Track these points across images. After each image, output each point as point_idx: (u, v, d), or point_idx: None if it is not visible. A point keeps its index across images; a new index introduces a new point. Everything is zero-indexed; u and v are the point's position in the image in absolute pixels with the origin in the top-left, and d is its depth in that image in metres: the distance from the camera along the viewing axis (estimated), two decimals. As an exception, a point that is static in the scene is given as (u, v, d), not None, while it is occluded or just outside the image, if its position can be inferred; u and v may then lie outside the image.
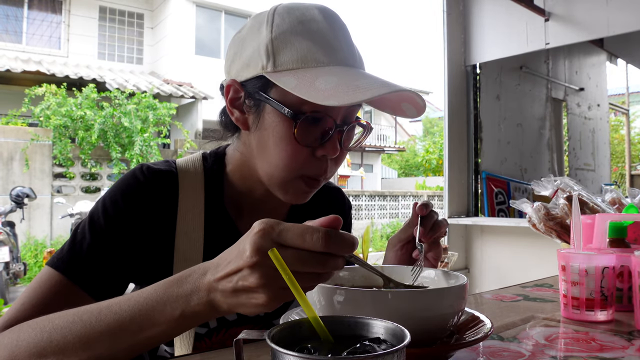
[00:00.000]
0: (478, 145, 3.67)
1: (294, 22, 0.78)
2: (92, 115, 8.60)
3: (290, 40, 0.76)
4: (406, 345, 0.42)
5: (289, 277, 0.51)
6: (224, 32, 13.44)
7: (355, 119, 0.84)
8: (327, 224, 0.54)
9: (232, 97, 0.83)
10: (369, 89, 0.71)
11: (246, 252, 0.53)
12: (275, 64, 0.76)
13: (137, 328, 0.61)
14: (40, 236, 8.19)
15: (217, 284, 0.57)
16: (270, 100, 0.78)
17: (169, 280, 0.61)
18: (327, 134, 0.79)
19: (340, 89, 0.70)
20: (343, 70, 0.75)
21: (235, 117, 0.84)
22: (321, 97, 0.70)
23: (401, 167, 22.78)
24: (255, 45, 0.79)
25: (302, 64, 0.75)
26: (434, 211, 0.89)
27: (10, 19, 12.09)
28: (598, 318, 0.91)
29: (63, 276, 0.76)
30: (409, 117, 0.84)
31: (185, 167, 0.91)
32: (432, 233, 0.87)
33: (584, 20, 3.10)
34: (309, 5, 0.81)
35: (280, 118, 0.78)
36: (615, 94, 9.62)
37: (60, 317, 0.65)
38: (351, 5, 39.08)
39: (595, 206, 1.28)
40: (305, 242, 0.53)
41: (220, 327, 0.89)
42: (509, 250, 3.36)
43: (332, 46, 0.77)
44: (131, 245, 0.81)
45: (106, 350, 0.62)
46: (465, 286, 0.66)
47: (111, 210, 0.81)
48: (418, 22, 49.21)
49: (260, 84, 0.79)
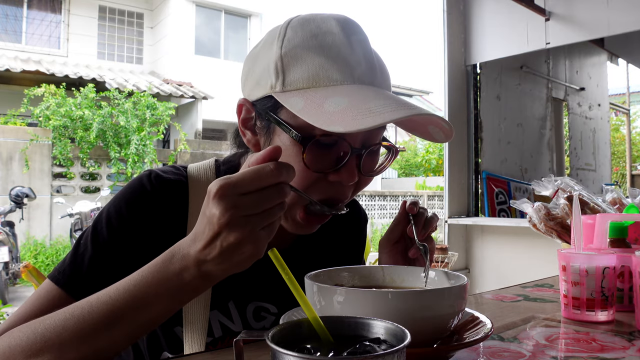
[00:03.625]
0: (478, 145, 3.67)
1: (307, 36, 0.72)
2: (90, 115, 8.59)
3: (302, 56, 0.71)
4: (406, 346, 0.42)
5: (289, 277, 0.52)
6: (224, 32, 13.43)
7: (380, 140, 0.77)
8: (268, 155, 0.57)
9: (244, 118, 0.78)
10: (382, 113, 0.64)
11: (216, 215, 0.55)
12: (284, 83, 0.71)
13: (134, 313, 0.61)
14: (39, 236, 8.19)
15: (202, 254, 0.58)
16: (280, 122, 0.72)
17: (152, 264, 0.62)
18: (342, 159, 0.72)
19: (349, 112, 0.64)
20: (358, 90, 0.69)
21: (247, 139, 0.79)
22: (327, 121, 0.64)
23: (401, 167, 22.77)
24: (266, 62, 0.74)
25: (313, 82, 0.70)
26: (423, 208, 0.87)
27: (10, 18, 12.09)
28: (599, 318, 0.91)
29: (62, 291, 0.74)
30: (438, 141, 0.76)
31: (197, 176, 0.86)
32: (425, 230, 0.86)
33: (584, 20, 3.09)
34: (326, 17, 0.75)
35: (289, 141, 0.72)
36: (615, 93, 9.62)
37: (51, 317, 0.65)
38: (351, 5, 38.99)
39: (595, 206, 1.28)
40: (261, 179, 0.55)
41: (224, 335, 0.87)
42: (510, 250, 3.36)
43: (348, 62, 0.71)
44: (135, 258, 0.76)
45: (105, 340, 0.62)
46: (465, 286, 0.65)
47: (115, 221, 0.78)
48: (418, 22, 49.13)
49: (270, 104, 0.73)
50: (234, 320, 0.88)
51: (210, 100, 11.54)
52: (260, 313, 0.90)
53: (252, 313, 0.90)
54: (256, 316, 0.90)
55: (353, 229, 1.08)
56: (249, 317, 0.89)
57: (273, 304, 0.91)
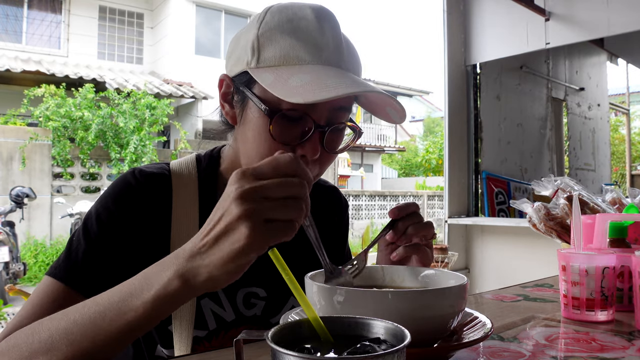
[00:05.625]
0: (478, 145, 3.67)
1: (283, 20, 0.78)
2: (90, 115, 8.59)
3: (275, 37, 0.77)
4: (406, 346, 0.42)
5: (290, 277, 0.52)
6: (224, 32, 13.44)
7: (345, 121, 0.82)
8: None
9: (223, 92, 0.85)
10: (336, 87, 0.70)
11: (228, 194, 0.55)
12: (258, 60, 0.77)
13: (115, 315, 0.60)
14: (40, 236, 8.19)
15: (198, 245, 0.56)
16: (252, 96, 0.78)
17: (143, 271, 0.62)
18: (306, 134, 0.78)
19: (309, 87, 0.70)
20: (322, 69, 0.75)
21: (225, 111, 0.86)
22: (289, 93, 0.70)
23: (401, 167, 22.78)
24: (245, 41, 0.80)
25: (284, 61, 0.76)
26: (415, 214, 0.86)
27: (10, 18, 12.09)
28: (598, 318, 0.91)
29: (61, 283, 0.76)
30: (394, 122, 0.83)
31: (179, 170, 0.91)
32: (404, 237, 0.84)
33: (584, 20, 3.09)
34: (303, 5, 0.81)
35: (259, 114, 0.78)
36: (615, 93, 9.62)
37: (50, 318, 0.66)
38: (351, 5, 39.08)
39: (595, 206, 1.28)
40: (279, 165, 0.55)
41: (219, 329, 0.88)
42: (509, 250, 3.36)
43: (317, 44, 0.76)
44: (126, 249, 0.81)
45: (89, 343, 0.61)
46: (465, 286, 0.65)
47: (104, 215, 0.81)
48: (418, 22, 49.17)
49: (245, 79, 0.80)
50: (225, 308, 0.89)
51: (210, 100, 11.54)
52: (250, 300, 0.92)
53: (242, 300, 0.91)
54: (246, 303, 0.92)
55: (336, 216, 1.12)
56: (239, 304, 0.91)
57: (261, 287, 0.93)
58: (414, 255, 0.86)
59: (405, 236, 0.84)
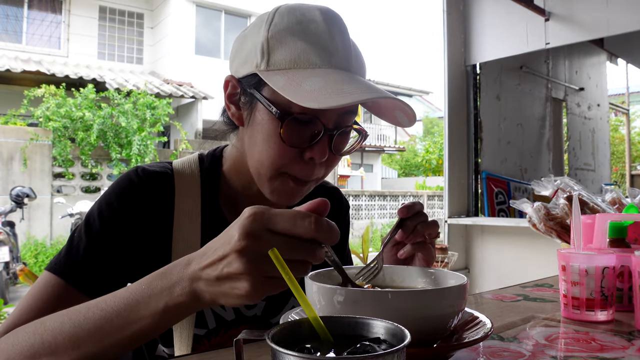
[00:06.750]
0: (478, 145, 3.67)
1: (293, 22, 0.78)
2: (91, 116, 8.59)
3: (286, 40, 0.77)
4: (406, 345, 0.42)
5: (289, 277, 0.51)
6: (224, 32, 13.44)
7: (352, 124, 0.83)
8: (316, 207, 0.55)
9: (229, 93, 0.85)
10: (353, 93, 0.71)
11: (234, 237, 0.53)
12: (268, 63, 0.77)
13: (123, 323, 0.61)
14: (40, 236, 8.19)
15: (201, 273, 0.57)
16: (262, 98, 0.78)
17: (154, 273, 0.61)
18: (316, 137, 0.78)
19: (324, 92, 0.70)
20: (334, 74, 0.75)
21: (231, 112, 0.85)
22: (304, 98, 0.70)
23: (401, 167, 22.77)
24: (253, 43, 0.80)
25: (295, 64, 0.76)
26: (421, 212, 0.86)
27: (10, 18, 12.09)
28: (598, 318, 0.91)
29: (61, 279, 0.76)
30: (403, 125, 0.84)
31: (182, 169, 0.91)
32: (412, 236, 0.85)
33: (584, 20, 3.10)
34: (311, 7, 0.81)
35: (269, 117, 0.78)
36: (615, 93, 9.62)
37: (51, 319, 0.66)
38: (352, 5, 39.06)
39: (595, 206, 1.28)
40: (296, 227, 0.53)
41: (219, 328, 0.89)
42: (509, 250, 3.36)
43: (327, 49, 0.77)
44: (128, 247, 0.81)
45: (95, 348, 0.62)
46: (465, 286, 0.65)
47: (106, 212, 0.81)
48: (418, 22, 49.20)
49: (254, 81, 0.79)
50: (225, 308, 0.90)
51: (210, 100, 11.54)
52: None
53: None
54: None
55: (337, 216, 1.11)
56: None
57: None
58: (419, 253, 0.87)
59: (414, 234, 0.85)
